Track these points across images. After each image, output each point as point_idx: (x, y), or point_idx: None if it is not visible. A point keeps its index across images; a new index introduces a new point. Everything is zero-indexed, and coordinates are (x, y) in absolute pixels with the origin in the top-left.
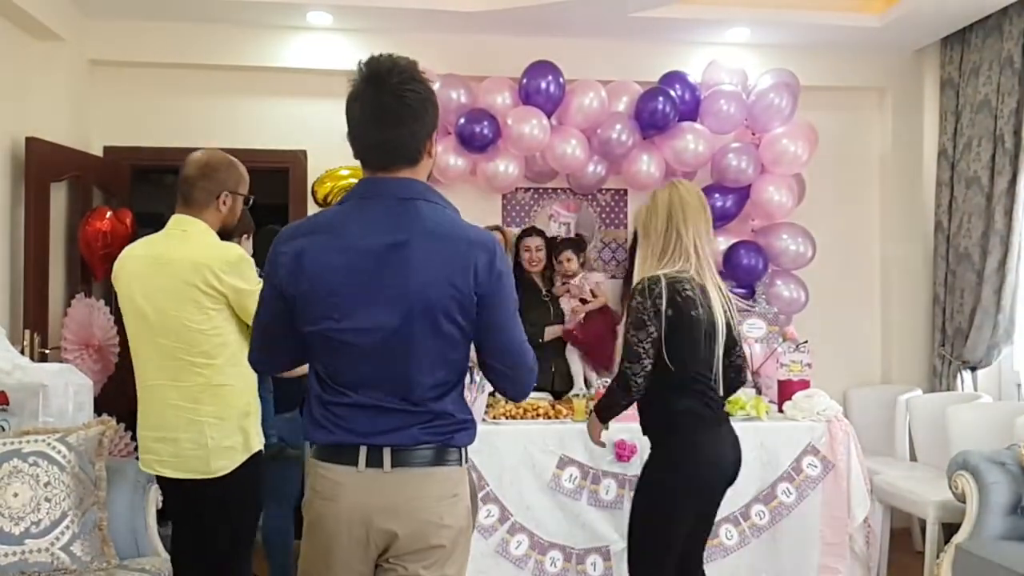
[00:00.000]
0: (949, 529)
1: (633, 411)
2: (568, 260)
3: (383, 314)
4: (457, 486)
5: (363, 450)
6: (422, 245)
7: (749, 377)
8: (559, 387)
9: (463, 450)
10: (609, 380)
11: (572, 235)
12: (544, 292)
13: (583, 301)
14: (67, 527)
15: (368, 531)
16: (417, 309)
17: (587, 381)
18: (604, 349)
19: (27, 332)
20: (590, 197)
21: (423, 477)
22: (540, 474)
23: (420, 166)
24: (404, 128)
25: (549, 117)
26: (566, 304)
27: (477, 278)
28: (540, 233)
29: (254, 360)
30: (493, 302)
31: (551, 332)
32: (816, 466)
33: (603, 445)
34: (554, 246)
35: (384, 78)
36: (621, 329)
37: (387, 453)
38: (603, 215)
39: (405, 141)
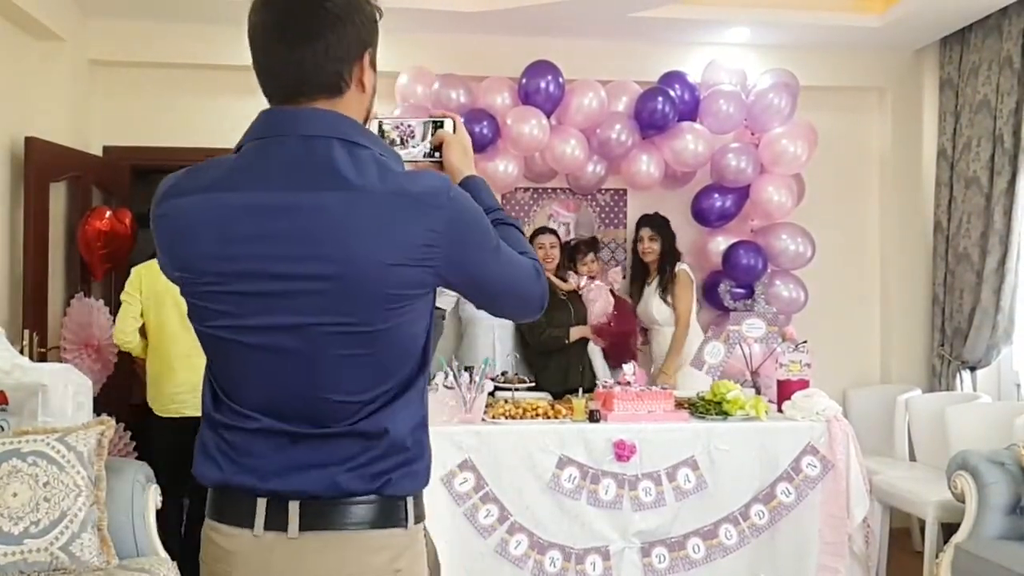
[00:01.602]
0: (948, 529)
1: (634, 411)
2: (592, 262)
3: (289, 305)
4: (399, 558)
5: (261, 504)
6: (341, 206)
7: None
8: (588, 384)
9: (410, 502)
10: (627, 373)
11: (582, 237)
12: (561, 293)
13: (613, 294)
14: (66, 527)
15: None
16: (339, 296)
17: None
18: (628, 344)
19: (26, 332)
20: (589, 197)
21: (347, 543)
22: (540, 474)
23: (345, 99)
24: (318, 42)
25: (548, 117)
26: (593, 304)
27: (433, 248)
28: (553, 232)
29: None
30: (465, 260)
31: (576, 332)
32: (815, 466)
33: None
34: (576, 249)
35: None
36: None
37: (294, 509)
38: (602, 215)
39: (319, 61)
